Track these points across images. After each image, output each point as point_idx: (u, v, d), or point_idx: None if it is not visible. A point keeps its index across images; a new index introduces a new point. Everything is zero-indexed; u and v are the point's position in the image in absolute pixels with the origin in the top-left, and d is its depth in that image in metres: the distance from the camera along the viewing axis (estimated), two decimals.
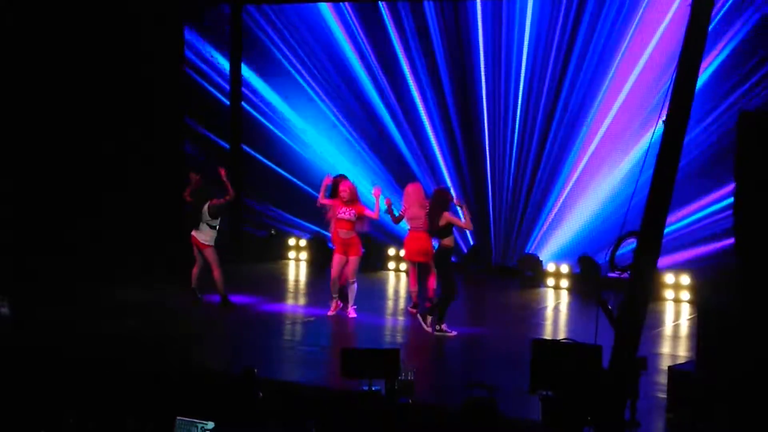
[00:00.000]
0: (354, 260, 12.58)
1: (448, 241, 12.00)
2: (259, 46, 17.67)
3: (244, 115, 17.88)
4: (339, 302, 12.85)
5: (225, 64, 17.76)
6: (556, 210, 15.71)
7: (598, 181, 15.27)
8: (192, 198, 13.05)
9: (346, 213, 12.49)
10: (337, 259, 12.64)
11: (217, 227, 12.98)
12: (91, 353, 10.42)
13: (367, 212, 12.55)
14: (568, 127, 15.48)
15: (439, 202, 12.07)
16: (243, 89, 17.76)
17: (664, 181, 8.15)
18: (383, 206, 12.46)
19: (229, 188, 13.17)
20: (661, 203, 8.13)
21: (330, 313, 12.78)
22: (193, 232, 12.98)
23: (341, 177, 12.95)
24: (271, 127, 17.83)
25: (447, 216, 11.98)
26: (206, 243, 12.91)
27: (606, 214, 15.05)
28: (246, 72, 17.76)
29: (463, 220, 12.23)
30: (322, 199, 12.76)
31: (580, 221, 15.48)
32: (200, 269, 13.11)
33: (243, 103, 17.86)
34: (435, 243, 12.44)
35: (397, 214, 12.65)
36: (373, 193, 12.63)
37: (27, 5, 15.73)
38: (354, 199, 12.51)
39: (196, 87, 18.04)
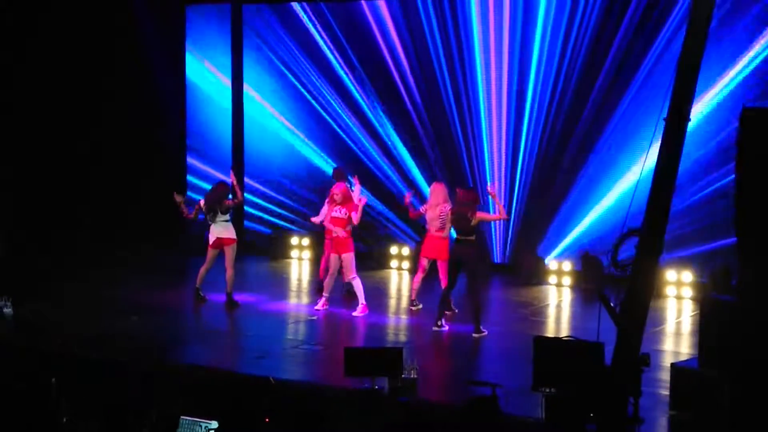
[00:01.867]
0: (346, 257, 12.69)
1: (475, 239, 12.02)
2: (255, 49, 17.77)
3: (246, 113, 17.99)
4: (327, 302, 12.95)
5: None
6: (558, 207, 15.69)
7: (601, 177, 15.27)
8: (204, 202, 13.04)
9: (339, 211, 12.75)
10: (330, 258, 12.89)
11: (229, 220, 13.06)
12: (94, 353, 10.44)
13: (353, 204, 12.71)
14: (569, 123, 15.47)
15: (470, 202, 12.05)
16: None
17: (665, 179, 8.16)
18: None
19: (238, 192, 13.41)
20: (663, 200, 8.15)
21: (316, 307, 12.95)
22: (215, 233, 12.95)
23: (337, 172, 13.42)
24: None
25: (480, 215, 12.03)
26: (234, 237, 12.99)
27: (608, 212, 15.06)
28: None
29: (495, 212, 12.31)
30: (322, 219, 13.13)
31: (582, 218, 15.47)
32: (207, 269, 13.14)
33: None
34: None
35: (419, 208, 12.95)
36: (354, 184, 13.23)
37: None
38: (347, 199, 12.78)
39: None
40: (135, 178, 17.45)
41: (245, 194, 16.25)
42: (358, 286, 12.78)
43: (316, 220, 13.58)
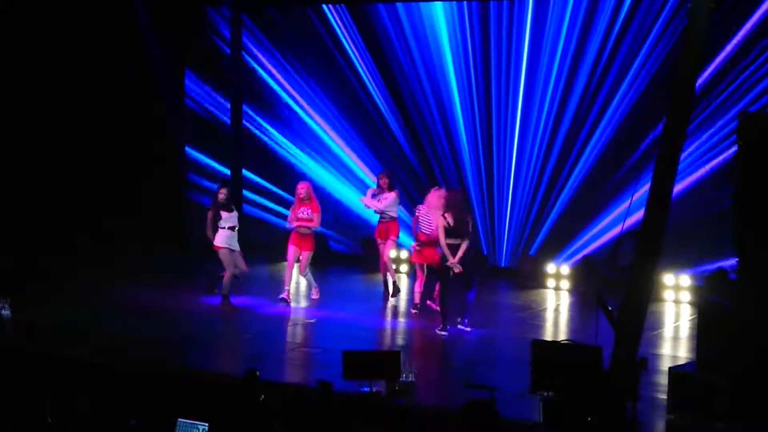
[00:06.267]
0: (307, 255, 13.41)
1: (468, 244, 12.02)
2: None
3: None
4: (288, 293, 13.39)
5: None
6: (556, 211, 15.71)
7: (600, 181, 15.28)
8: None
9: (304, 212, 13.27)
10: (291, 251, 13.38)
11: (228, 228, 13.01)
12: (92, 354, 10.43)
13: (316, 204, 13.31)
14: (568, 127, 15.48)
15: (465, 203, 12.08)
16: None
17: (664, 182, 8.17)
18: None
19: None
20: (661, 204, 8.16)
21: (281, 296, 13.33)
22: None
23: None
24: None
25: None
26: (217, 245, 13.01)
27: (607, 215, 15.07)
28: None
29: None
30: (292, 221, 13.38)
31: (580, 222, 15.48)
32: (230, 275, 13.16)
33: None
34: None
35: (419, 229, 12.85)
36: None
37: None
38: (310, 197, 13.30)
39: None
40: (136, 178, 17.50)
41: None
42: (309, 279, 13.69)
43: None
